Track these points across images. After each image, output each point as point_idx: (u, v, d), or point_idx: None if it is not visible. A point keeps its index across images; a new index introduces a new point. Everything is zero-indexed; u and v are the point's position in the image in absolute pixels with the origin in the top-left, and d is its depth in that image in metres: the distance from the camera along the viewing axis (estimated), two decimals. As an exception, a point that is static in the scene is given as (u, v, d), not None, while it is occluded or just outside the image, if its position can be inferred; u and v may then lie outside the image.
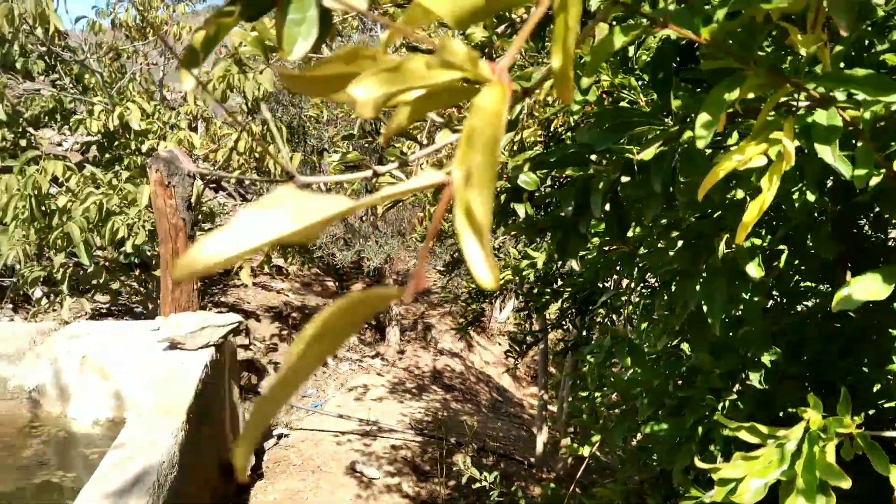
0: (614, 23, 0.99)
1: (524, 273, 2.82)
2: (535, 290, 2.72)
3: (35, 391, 3.36)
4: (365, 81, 0.29)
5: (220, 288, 7.74)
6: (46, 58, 5.54)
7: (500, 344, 12.04)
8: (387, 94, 0.30)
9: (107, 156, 5.59)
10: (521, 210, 1.50)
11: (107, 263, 5.09)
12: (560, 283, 2.65)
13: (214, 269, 0.26)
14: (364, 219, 7.76)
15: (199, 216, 5.12)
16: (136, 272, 5.91)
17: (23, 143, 5.52)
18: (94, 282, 4.82)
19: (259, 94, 4.11)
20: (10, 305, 6.00)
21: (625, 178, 1.13)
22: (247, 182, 10.06)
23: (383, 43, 0.37)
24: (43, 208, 4.24)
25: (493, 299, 12.11)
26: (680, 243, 1.36)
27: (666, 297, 1.56)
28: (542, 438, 5.05)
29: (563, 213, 1.19)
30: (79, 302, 4.86)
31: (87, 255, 4.35)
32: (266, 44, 1.36)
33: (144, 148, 5.01)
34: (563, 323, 2.90)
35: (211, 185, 9.75)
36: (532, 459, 5.37)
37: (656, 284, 2.05)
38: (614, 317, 2.76)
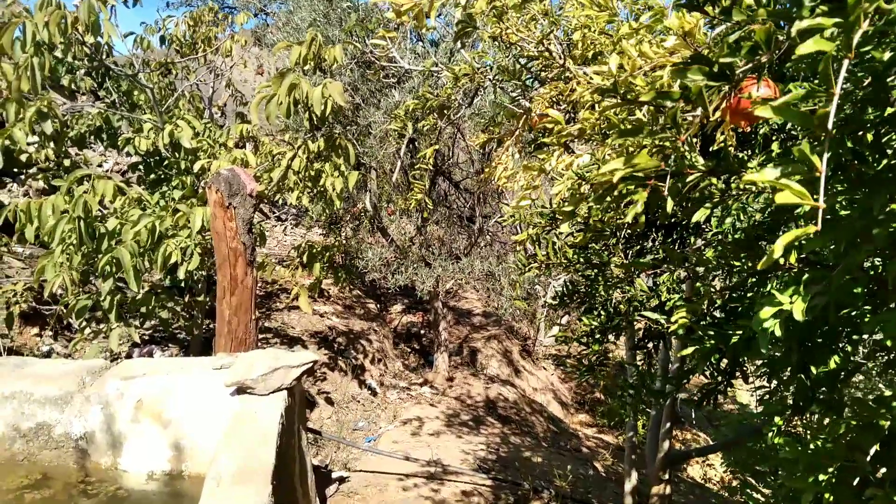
0: None
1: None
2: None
3: (83, 439, 3.00)
4: None
5: (263, 312, 7.40)
6: (94, 73, 5.27)
7: (545, 368, 11.56)
8: None
9: (152, 176, 5.29)
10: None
11: (155, 289, 4.76)
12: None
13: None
14: (414, 240, 7.38)
15: (257, 239, 4.78)
16: (185, 298, 5.58)
17: (66, 162, 5.25)
18: (143, 309, 4.49)
19: (328, 109, 3.76)
20: (50, 332, 5.71)
21: None
22: (279, 202, 9.74)
23: None
24: (91, 231, 3.91)
25: (535, 320, 11.63)
26: None
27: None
28: (629, 485, 4.56)
29: None
30: (126, 330, 4.53)
31: (136, 282, 4.01)
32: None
33: (196, 167, 4.68)
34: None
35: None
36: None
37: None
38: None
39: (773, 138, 1.76)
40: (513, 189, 3.59)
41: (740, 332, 1.80)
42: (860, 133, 1.26)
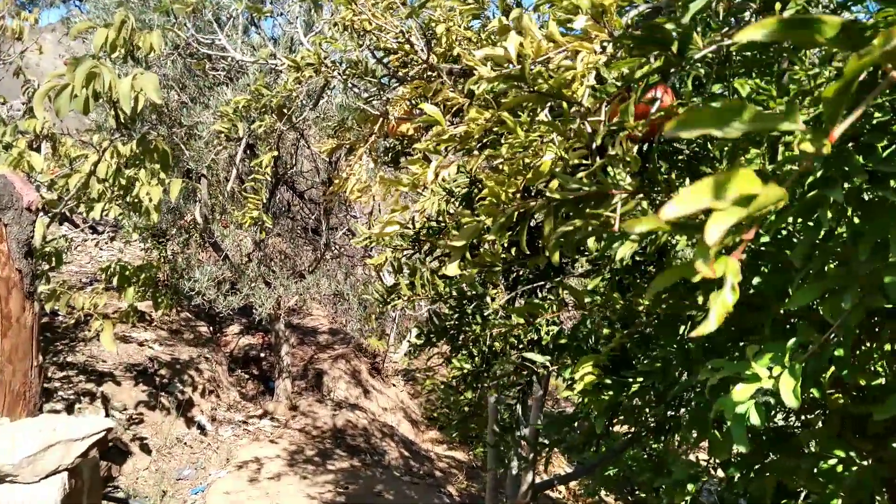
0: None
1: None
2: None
3: None
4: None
5: (66, 344, 6.25)
6: None
7: (395, 385, 11.15)
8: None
9: None
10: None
11: None
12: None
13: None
14: (252, 256, 6.62)
15: (43, 263, 3.87)
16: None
17: None
18: None
19: (139, 105, 3.03)
20: None
21: None
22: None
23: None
24: None
25: (388, 336, 11.23)
26: None
27: None
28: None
29: None
30: None
31: None
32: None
33: (-40, 170, 3.68)
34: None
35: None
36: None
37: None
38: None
39: (698, 153, 1.44)
40: (367, 203, 3.10)
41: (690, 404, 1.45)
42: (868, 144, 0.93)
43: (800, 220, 1.07)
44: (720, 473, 1.82)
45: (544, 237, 1.17)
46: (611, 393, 1.79)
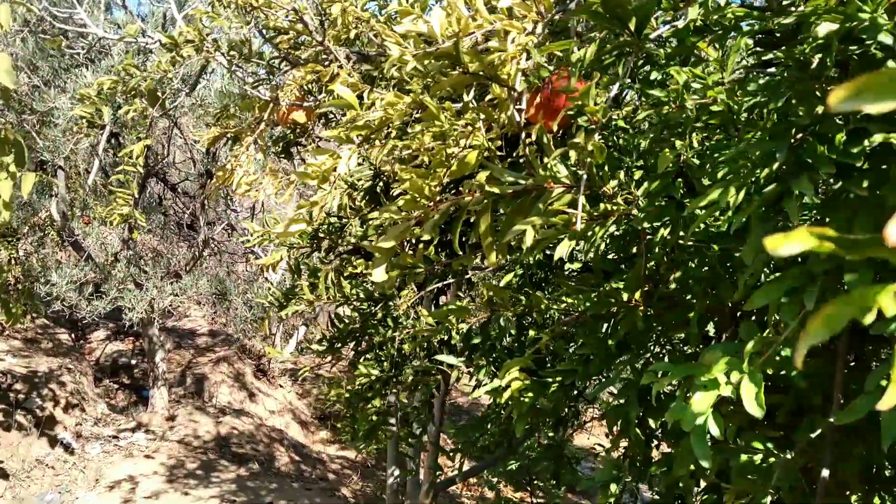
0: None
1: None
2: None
3: None
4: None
5: None
6: None
7: (282, 386, 10.73)
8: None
9: None
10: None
11: None
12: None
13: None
14: (120, 256, 6.06)
15: None
16: None
17: None
18: None
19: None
20: None
21: None
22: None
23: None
24: None
25: (274, 335, 10.82)
26: None
27: None
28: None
29: None
30: None
31: None
32: None
33: None
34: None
35: None
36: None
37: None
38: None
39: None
40: (255, 197, 2.86)
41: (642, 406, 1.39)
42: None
43: (761, 210, 1.01)
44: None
45: (480, 234, 1.05)
46: (531, 394, 1.71)
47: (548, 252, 2.26)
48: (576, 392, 1.78)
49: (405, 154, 1.56)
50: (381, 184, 2.16)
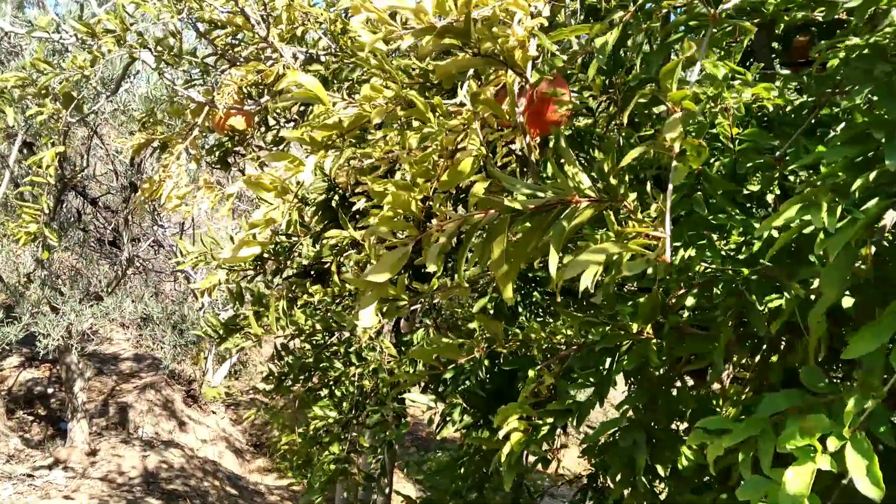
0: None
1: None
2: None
3: None
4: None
5: None
6: None
7: (214, 412, 10.16)
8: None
9: None
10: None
11: None
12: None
13: None
14: (34, 276, 5.52)
15: None
16: None
17: None
18: None
19: None
20: None
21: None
22: None
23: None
24: None
25: (205, 360, 10.27)
26: None
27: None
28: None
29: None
30: None
31: None
32: None
33: None
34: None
35: None
36: None
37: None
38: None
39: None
40: (187, 213, 2.55)
41: None
42: None
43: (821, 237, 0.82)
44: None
45: (491, 262, 0.82)
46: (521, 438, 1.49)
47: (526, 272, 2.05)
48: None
49: (368, 163, 1.32)
50: (336, 197, 1.90)
